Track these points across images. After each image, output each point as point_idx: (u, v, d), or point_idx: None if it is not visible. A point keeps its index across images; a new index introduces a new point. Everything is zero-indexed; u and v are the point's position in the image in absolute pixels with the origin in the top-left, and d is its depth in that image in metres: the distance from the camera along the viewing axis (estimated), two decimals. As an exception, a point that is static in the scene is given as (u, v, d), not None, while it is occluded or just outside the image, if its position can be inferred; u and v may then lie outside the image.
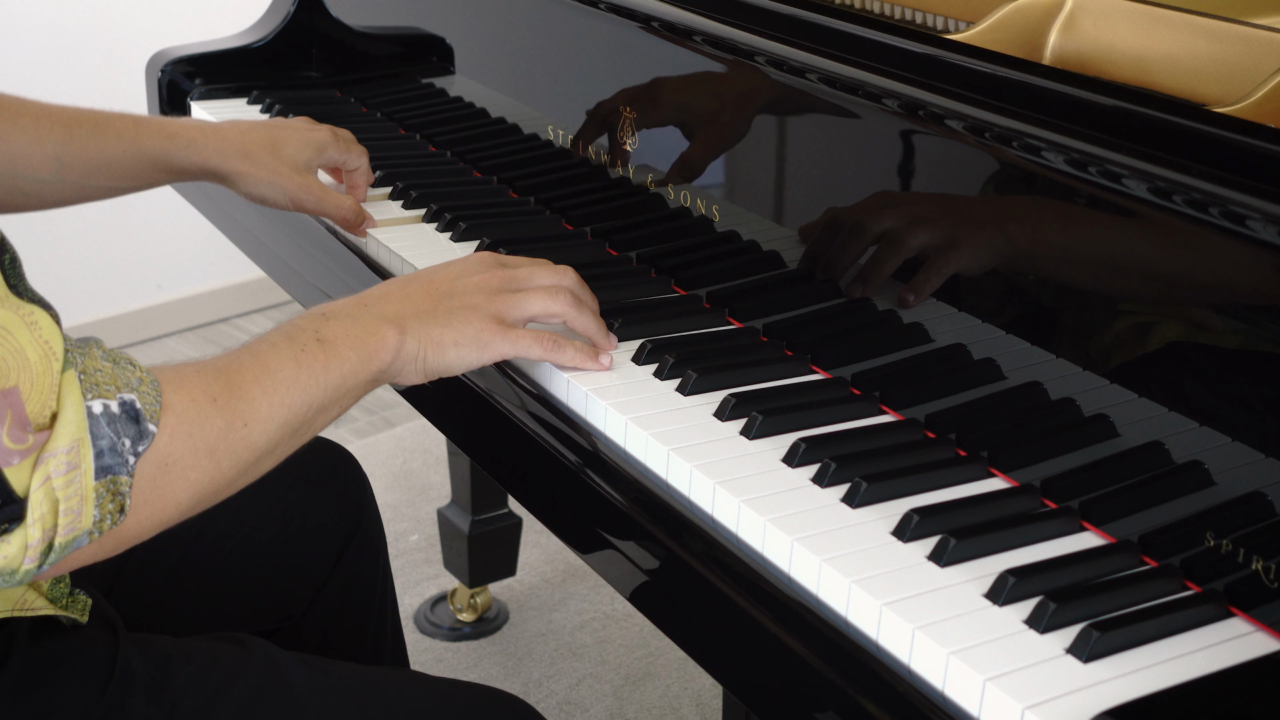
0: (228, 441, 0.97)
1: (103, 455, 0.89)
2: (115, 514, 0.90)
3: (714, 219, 1.37)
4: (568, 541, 1.24)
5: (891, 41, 1.23)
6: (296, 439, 1.05)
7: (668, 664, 2.26)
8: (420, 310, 1.13)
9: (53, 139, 1.34)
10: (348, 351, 1.07)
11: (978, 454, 1.10)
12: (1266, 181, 0.93)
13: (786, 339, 1.27)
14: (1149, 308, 1.02)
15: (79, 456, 0.87)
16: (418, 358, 1.12)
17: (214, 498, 0.99)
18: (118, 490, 0.90)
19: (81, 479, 0.87)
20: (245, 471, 1.01)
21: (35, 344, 0.88)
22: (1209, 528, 0.96)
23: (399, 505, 2.69)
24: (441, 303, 1.14)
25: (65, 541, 0.88)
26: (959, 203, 1.16)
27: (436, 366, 1.13)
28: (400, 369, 1.11)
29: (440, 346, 1.12)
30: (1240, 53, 1.13)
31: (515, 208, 1.62)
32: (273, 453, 1.03)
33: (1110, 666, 0.88)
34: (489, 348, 1.14)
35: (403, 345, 1.10)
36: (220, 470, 0.98)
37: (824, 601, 0.96)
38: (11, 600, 1.05)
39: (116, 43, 3.30)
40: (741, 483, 1.06)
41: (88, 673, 1.06)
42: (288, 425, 1.02)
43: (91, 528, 0.89)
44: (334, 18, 2.03)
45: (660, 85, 1.43)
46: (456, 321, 1.13)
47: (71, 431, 0.87)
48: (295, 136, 1.49)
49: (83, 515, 0.88)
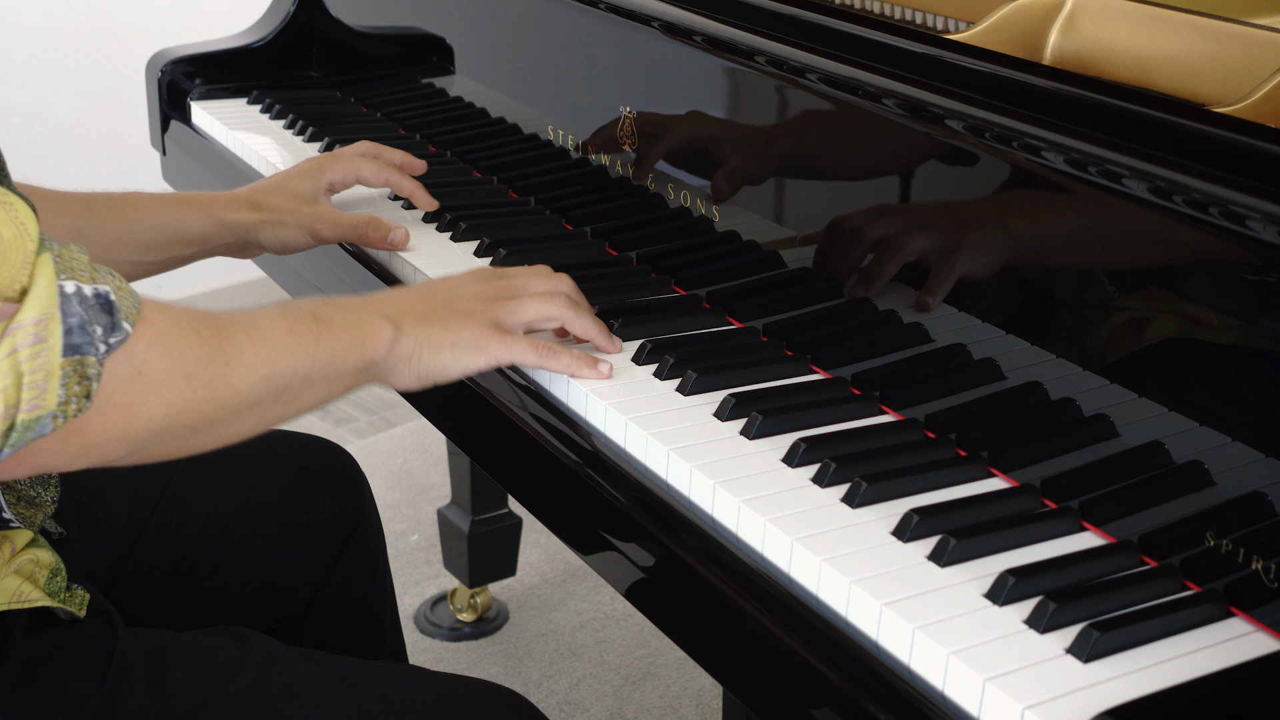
0: (207, 372, 0.96)
1: (72, 333, 0.87)
2: (81, 399, 0.88)
3: (714, 219, 1.37)
4: (568, 541, 1.24)
5: (891, 41, 1.23)
6: (280, 404, 1.03)
7: (668, 664, 2.26)
8: (418, 312, 1.13)
9: (71, 210, 1.33)
10: (341, 333, 1.07)
11: (978, 454, 1.10)
12: (1266, 181, 0.93)
13: (786, 339, 1.27)
14: (1149, 308, 1.02)
15: (47, 331, 0.86)
16: (413, 357, 1.12)
17: (187, 432, 0.97)
18: (85, 373, 0.88)
19: (48, 354, 0.86)
20: (221, 414, 0.99)
21: (10, 222, 0.87)
22: (1209, 528, 0.96)
23: (399, 505, 2.69)
24: (439, 308, 1.15)
25: (28, 420, 0.86)
26: (958, 204, 1.16)
27: (431, 368, 1.13)
28: (394, 367, 1.11)
29: (437, 347, 1.13)
30: (1240, 53, 1.13)
31: (515, 208, 1.62)
32: (253, 409, 1.01)
33: (1110, 666, 0.88)
34: (485, 351, 1.15)
35: (397, 342, 1.10)
36: (196, 399, 0.96)
37: (824, 601, 0.96)
38: (8, 593, 1.05)
39: (116, 43, 3.30)
40: (741, 483, 1.06)
41: (85, 664, 1.06)
42: (271, 381, 1.01)
43: (56, 409, 0.87)
44: (334, 18, 2.03)
45: (684, 121, 1.42)
46: (454, 325, 1.14)
47: (41, 305, 0.86)
48: (296, 171, 1.48)
49: (47, 393, 0.86)
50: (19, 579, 1.06)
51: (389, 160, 1.54)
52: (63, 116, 3.27)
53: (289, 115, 1.89)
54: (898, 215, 1.20)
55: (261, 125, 1.90)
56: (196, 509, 1.38)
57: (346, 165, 1.50)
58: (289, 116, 1.89)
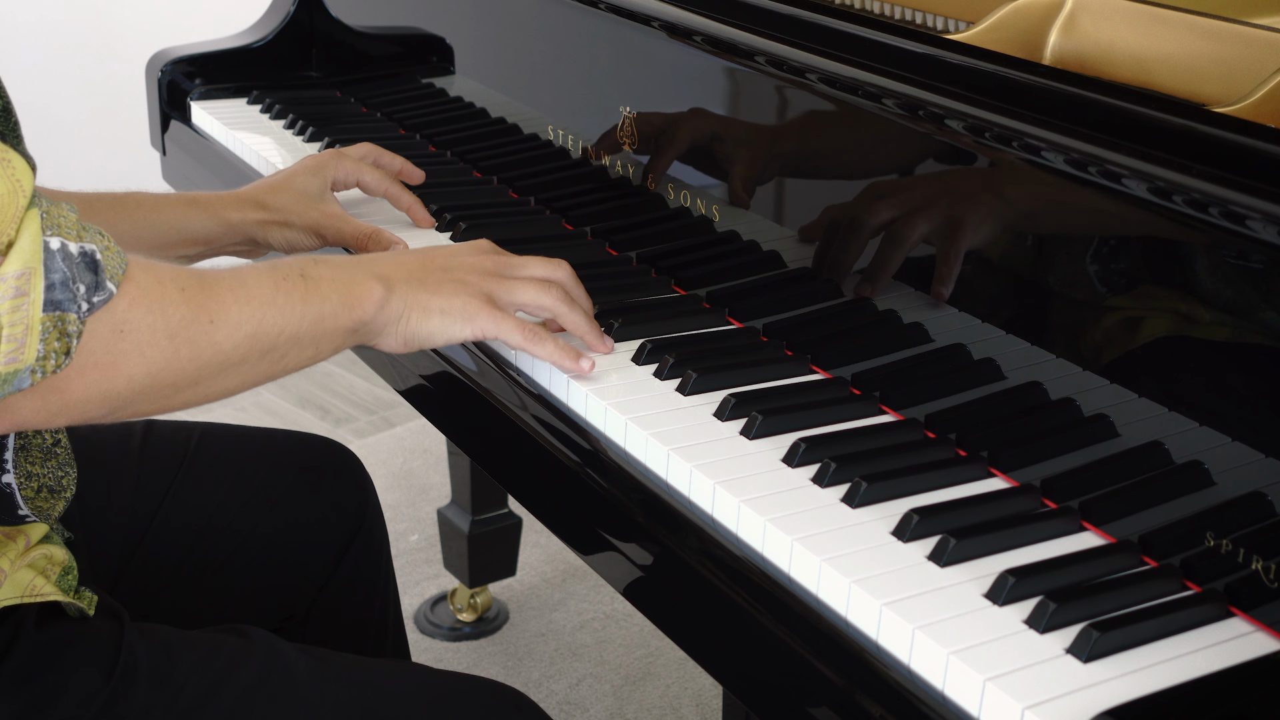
0: (190, 330, 0.96)
1: (54, 289, 0.87)
2: (60, 356, 0.88)
3: (714, 219, 1.37)
4: (568, 541, 1.24)
5: (891, 41, 1.23)
6: (265, 363, 1.03)
7: (668, 664, 2.26)
8: (411, 276, 1.13)
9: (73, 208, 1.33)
10: (330, 292, 1.07)
11: (978, 454, 1.10)
12: (1266, 181, 0.93)
13: (786, 339, 1.27)
14: (1147, 308, 1.02)
15: (29, 285, 0.86)
16: (401, 318, 1.11)
17: (170, 390, 0.97)
18: (65, 329, 0.88)
19: (29, 308, 0.86)
20: (205, 372, 0.99)
21: (4, 178, 0.87)
22: (1209, 528, 0.96)
23: (399, 505, 2.69)
24: (434, 273, 1.15)
25: (5, 373, 0.86)
26: (958, 205, 1.16)
27: (418, 332, 1.12)
28: (381, 328, 1.11)
29: (426, 311, 1.12)
30: (1240, 53, 1.13)
31: (515, 208, 1.62)
32: (238, 367, 1.01)
33: (1110, 666, 0.88)
34: (473, 322, 1.14)
35: (387, 302, 1.10)
36: (178, 357, 0.96)
37: (824, 601, 0.96)
38: (21, 586, 1.06)
39: (116, 43, 3.30)
40: (741, 482, 1.06)
41: (93, 659, 1.06)
42: (256, 340, 1.01)
43: (35, 364, 0.87)
44: (334, 18, 2.03)
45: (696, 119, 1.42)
46: (445, 291, 1.13)
47: (24, 259, 0.86)
48: (302, 167, 1.47)
49: (26, 346, 0.86)
50: (32, 572, 1.07)
51: (389, 166, 1.54)
52: (63, 117, 3.27)
53: (289, 115, 1.89)
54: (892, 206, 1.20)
55: (261, 125, 1.90)
56: (200, 508, 1.38)
57: (351, 166, 1.50)
58: (289, 116, 1.89)
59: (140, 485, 1.36)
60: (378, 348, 1.14)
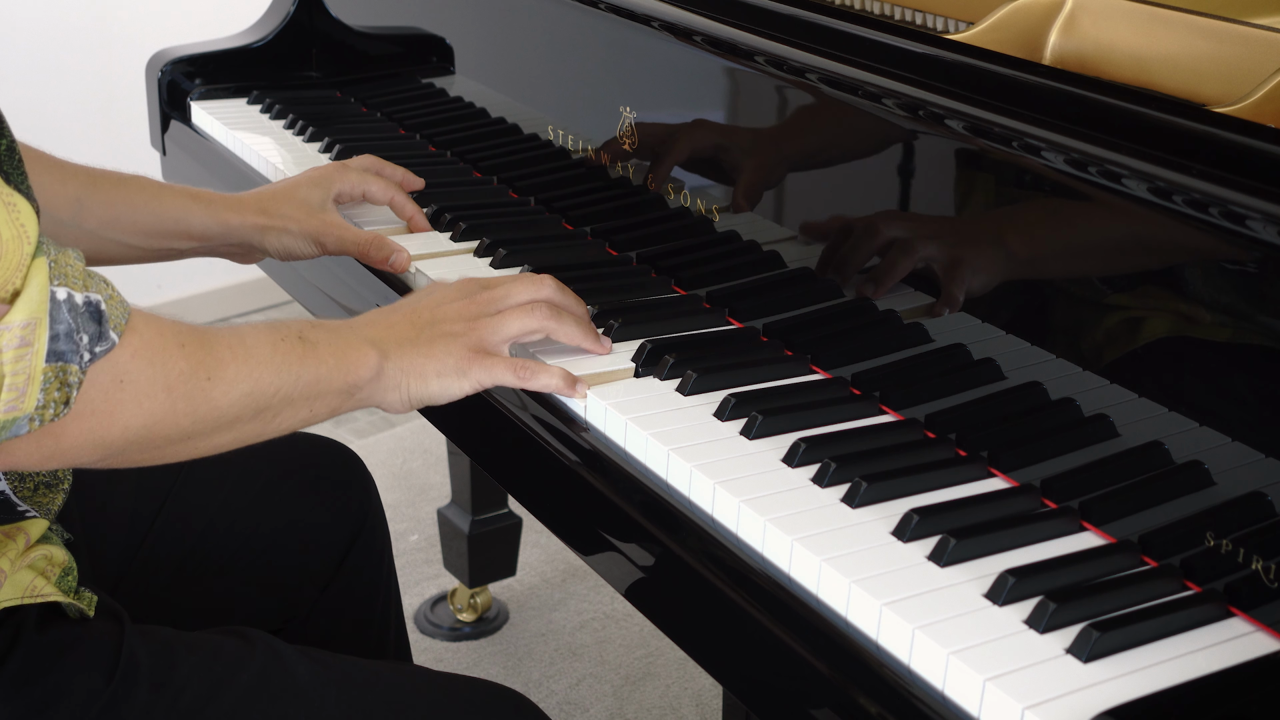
0: (188, 385, 0.97)
1: (58, 339, 0.88)
2: (60, 405, 0.89)
3: (714, 219, 1.37)
4: (568, 541, 1.24)
5: (891, 41, 1.23)
6: (258, 423, 1.04)
7: (668, 664, 2.26)
8: (402, 338, 1.14)
9: (76, 182, 1.33)
10: (326, 355, 1.08)
11: (978, 454, 1.10)
12: (1266, 181, 0.93)
13: (786, 339, 1.27)
14: (1148, 308, 1.02)
15: (34, 335, 0.87)
16: (401, 386, 1.13)
17: (163, 442, 0.98)
18: (66, 380, 0.89)
19: (32, 358, 0.87)
20: (199, 428, 1.00)
21: (10, 223, 0.87)
22: (1209, 528, 0.96)
23: (399, 505, 2.69)
24: (423, 331, 1.16)
25: (4, 420, 0.87)
26: (957, 204, 1.16)
27: (419, 395, 1.14)
28: (382, 394, 1.12)
29: (423, 377, 1.14)
30: (1240, 53, 1.13)
31: (515, 208, 1.62)
32: (231, 426, 1.02)
33: (1110, 666, 0.88)
34: (467, 377, 1.15)
35: (383, 369, 1.11)
36: (175, 412, 0.97)
37: (824, 601, 0.96)
38: (21, 587, 1.06)
39: (116, 43, 3.30)
40: (741, 483, 1.06)
41: (94, 661, 1.07)
42: (252, 399, 1.02)
43: (34, 413, 0.88)
44: (334, 18, 2.03)
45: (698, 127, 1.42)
46: (437, 351, 1.14)
47: (31, 309, 0.86)
48: (305, 179, 1.47)
49: (27, 396, 0.87)
50: (32, 573, 1.07)
51: (391, 177, 1.55)
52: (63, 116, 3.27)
53: (289, 115, 1.89)
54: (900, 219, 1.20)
55: (261, 125, 1.90)
56: (202, 509, 1.38)
57: (356, 179, 1.50)
58: (289, 116, 1.89)
59: (141, 486, 1.36)
60: (385, 409, 1.15)
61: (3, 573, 1.06)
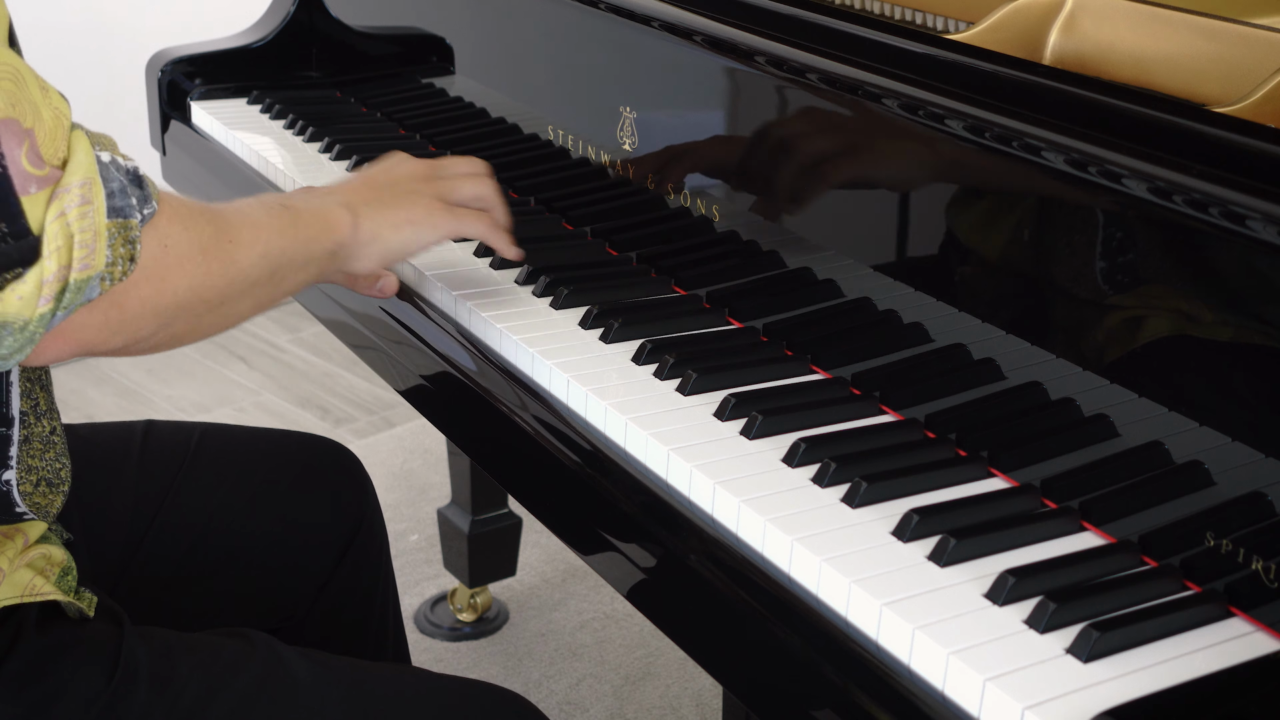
0: (218, 247, 1.03)
1: (114, 196, 0.92)
2: (126, 261, 0.93)
3: (714, 219, 1.37)
4: (568, 542, 1.24)
5: (891, 41, 1.23)
6: (271, 285, 1.09)
7: (668, 664, 2.26)
8: (369, 199, 1.20)
9: None
10: (310, 219, 1.14)
11: (978, 454, 1.10)
12: (1266, 181, 0.93)
13: (786, 339, 1.27)
14: (1148, 308, 1.02)
15: (91, 193, 0.90)
16: (375, 239, 1.19)
17: (204, 308, 1.03)
18: (128, 235, 0.93)
19: (95, 215, 0.90)
20: (231, 291, 1.04)
21: (47, 105, 0.91)
22: (1209, 528, 0.96)
23: (399, 505, 2.69)
24: (384, 191, 1.22)
25: (80, 280, 0.90)
26: (956, 204, 1.16)
27: (393, 247, 1.20)
28: (357, 250, 1.18)
29: (396, 226, 1.20)
30: (1240, 53, 1.13)
31: (515, 208, 1.61)
32: (252, 288, 1.07)
33: (1110, 666, 0.88)
34: (438, 226, 1.23)
35: (358, 226, 1.17)
36: (210, 273, 1.02)
37: (824, 601, 0.96)
38: (20, 586, 1.06)
39: (116, 43, 3.30)
40: (741, 483, 1.06)
41: (93, 662, 1.07)
42: (266, 260, 1.08)
43: (104, 270, 0.92)
44: (334, 18, 2.03)
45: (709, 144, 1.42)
46: (405, 204, 1.21)
47: (83, 170, 0.90)
48: None
49: (96, 252, 0.90)
50: (31, 572, 1.07)
51: None
52: (63, 116, 3.27)
53: (289, 115, 1.89)
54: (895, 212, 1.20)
55: (261, 125, 1.90)
56: (201, 509, 1.38)
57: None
58: (289, 116, 1.89)
59: (140, 486, 1.36)
60: (354, 271, 1.21)
61: (1, 571, 1.06)
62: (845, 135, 1.25)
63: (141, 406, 3.09)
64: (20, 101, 0.88)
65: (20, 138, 0.87)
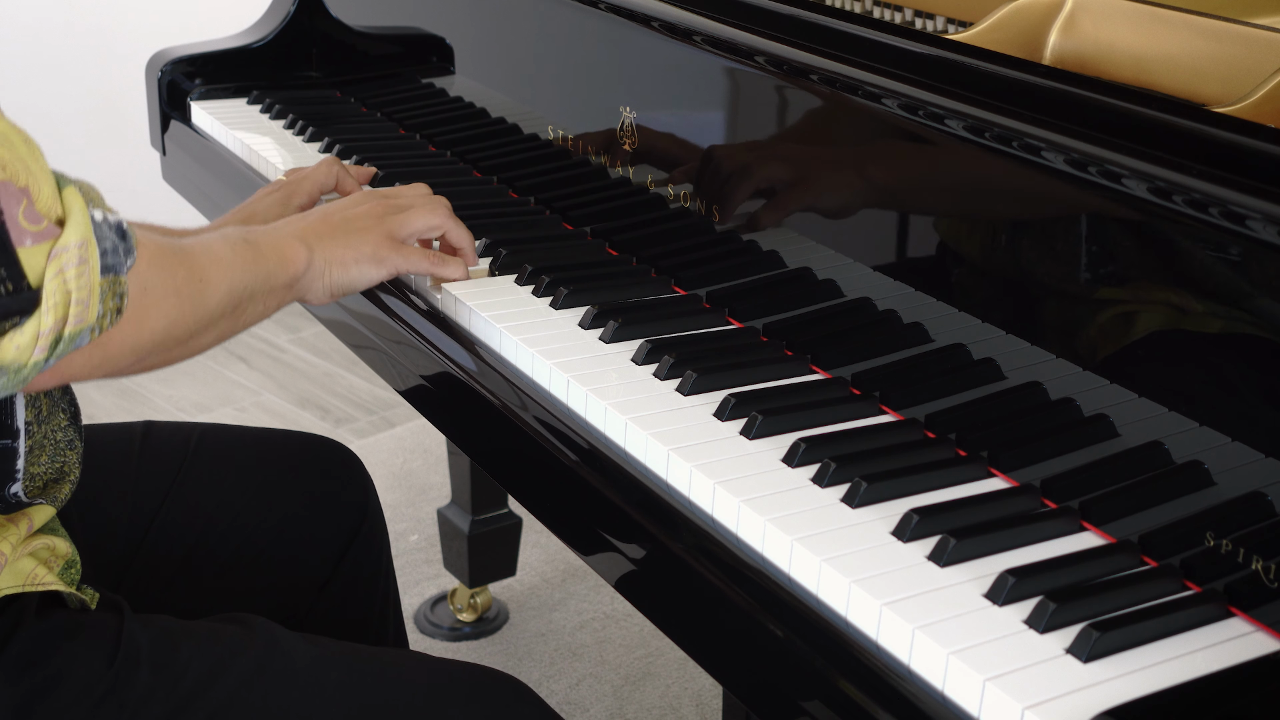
0: (189, 288, 1.09)
1: (106, 255, 0.97)
2: (114, 314, 0.98)
3: (714, 219, 1.37)
4: (568, 541, 1.24)
5: (892, 41, 1.23)
6: (233, 319, 1.15)
7: (668, 664, 2.26)
8: (322, 233, 1.27)
9: None
10: (269, 253, 1.20)
11: (978, 454, 1.10)
12: (1266, 181, 0.93)
13: (786, 339, 1.27)
14: (1147, 308, 1.02)
15: (87, 253, 0.95)
16: (324, 274, 1.25)
17: (173, 343, 1.08)
18: (117, 290, 0.98)
19: (90, 274, 0.95)
20: (198, 327, 1.10)
21: (36, 160, 0.95)
22: (1209, 528, 0.96)
23: (399, 505, 2.69)
24: (338, 228, 1.28)
25: (74, 333, 0.95)
26: (956, 203, 1.16)
27: (341, 283, 1.27)
28: (310, 284, 1.25)
29: (343, 264, 1.26)
30: (1240, 53, 1.13)
31: (515, 208, 1.62)
32: (215, 324, 1.13)
33: (1110, 666, 0.88)
34: (385, 263, 1.29)
35: (311, 260, 1.24)
36: (183, 312, 1.08)
37: (824, 601, 0.96)
38: (22, 575, 1.07)
39: (116, 43, 3.30)
40: (741, 483, 1.06)
41: (95, 647, 1.08)
42: (231, 297, 1.13)
43: (95, 323, 0.96)
44: (334, 18, 2.03)
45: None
46: (354, 241, 1.28)
47: (80, 231, 0.95)
48: (260, 194, 1.47)
49: (90, 307, 0.95)
50: (34, 562, 1.08)
51: (359, 176, 1.58)
52: (63, 116, 3.27)
53: (289, 115, 1.89)
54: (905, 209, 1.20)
55: (261, 125, 1.90)
56: (201, 509, 1.38)
57: (310, 185, 1.48)
58: (289, 116, 1.89)
59: (141, 487, 1.36)
60: (309, 302, 1.28)
61: (3, 555, 1.07)
62: (845, 135, 1.25)
63: (141, 406, 3.10)
64: (10, 163, 0.92)
65: (17, 198, 0.92)
